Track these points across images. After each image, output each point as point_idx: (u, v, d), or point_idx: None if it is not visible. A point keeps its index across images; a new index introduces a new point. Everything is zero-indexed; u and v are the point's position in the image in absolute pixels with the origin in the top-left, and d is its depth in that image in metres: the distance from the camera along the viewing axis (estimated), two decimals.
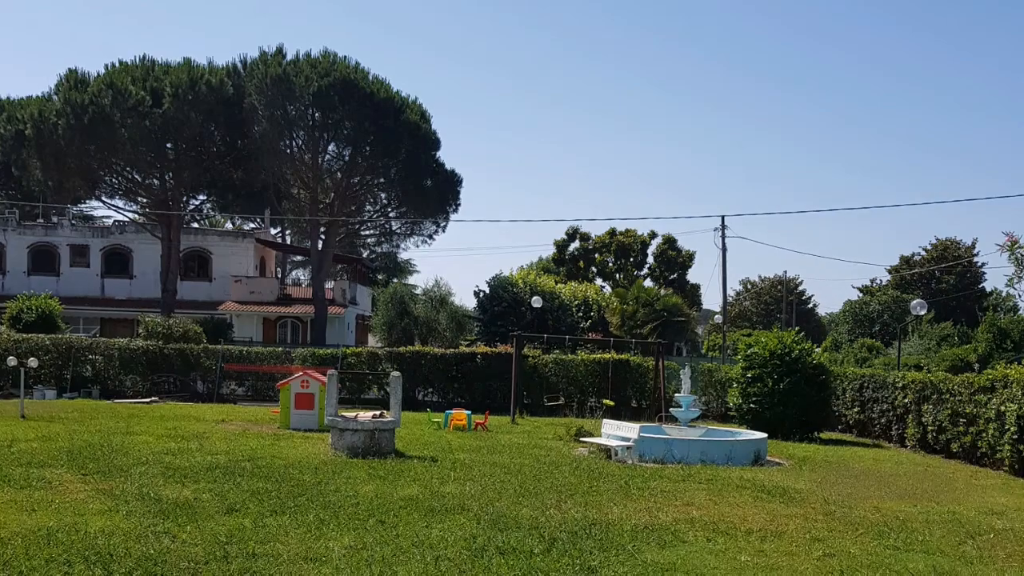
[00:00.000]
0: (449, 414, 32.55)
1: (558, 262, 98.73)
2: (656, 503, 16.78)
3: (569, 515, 15.02)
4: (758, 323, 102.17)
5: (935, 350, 61.45)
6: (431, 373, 43.47)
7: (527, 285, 66.40)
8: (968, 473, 24.47)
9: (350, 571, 10.91)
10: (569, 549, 12.51)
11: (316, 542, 12.42)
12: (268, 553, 11.70)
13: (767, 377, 33.33)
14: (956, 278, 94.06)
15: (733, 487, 19.22)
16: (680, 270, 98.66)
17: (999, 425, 24.92)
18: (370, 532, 13.14)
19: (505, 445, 26.42)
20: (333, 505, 15.13)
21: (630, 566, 11.75)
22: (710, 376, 43.66)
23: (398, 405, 24.15)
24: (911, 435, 30.46)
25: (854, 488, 20.03)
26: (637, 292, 70.78)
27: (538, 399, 42.16)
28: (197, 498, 15.39)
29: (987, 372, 27.12)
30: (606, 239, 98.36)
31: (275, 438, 25.97)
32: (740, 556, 12.59)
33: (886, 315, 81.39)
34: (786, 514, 16.09)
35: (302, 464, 20.25)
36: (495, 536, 13.14)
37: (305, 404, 29.88)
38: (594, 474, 20.45)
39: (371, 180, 67.67)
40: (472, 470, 20.36)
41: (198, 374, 44.20)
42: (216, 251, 73.95)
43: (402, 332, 61.81)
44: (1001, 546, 14.07)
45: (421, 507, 15.22)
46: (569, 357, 44.36)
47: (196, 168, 65.24)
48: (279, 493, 16.12)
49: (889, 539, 14.17)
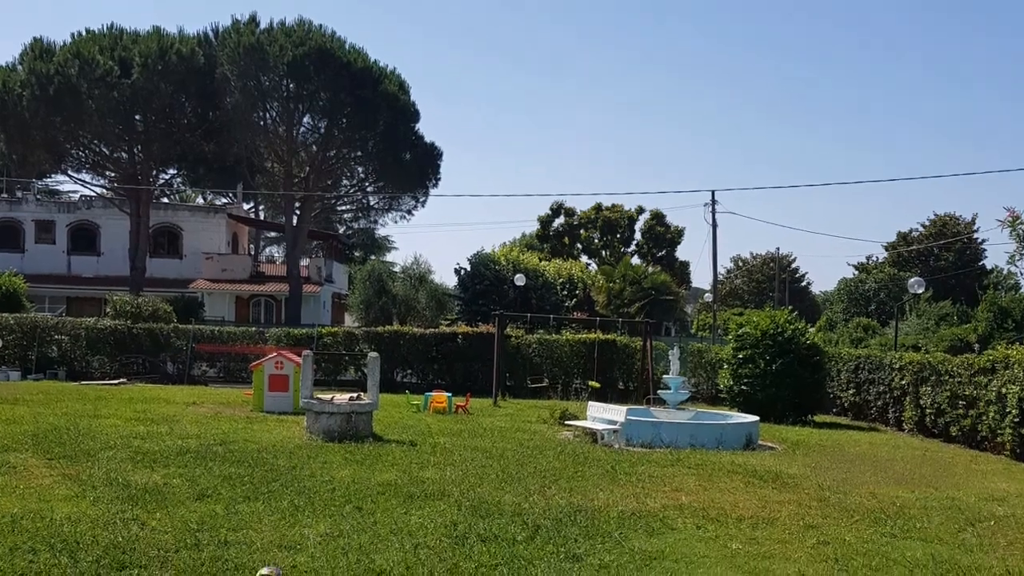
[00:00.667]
0: (429, 396, 32.55)
1: (542, 238, 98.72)
2: (644, 489, 16.80)
3: (553, 501, 15.04)
4: (749, 302, 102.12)
5: (933, 330, 61.53)
6: (410, 354, 43.44)
7: (510, 262, 66.41)
8: (968, 457, 24.54)
9: (326, 559, 10.89)
10: (553, 536, 12.52)
11: (290, 529, 12.40)
12: (241, 540, 11.67)
13: (759, 358, 33.40)
14: (955, 255, 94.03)
15: (724, 472, 19.26)
16: (669, 247, 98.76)
17: (1000, 408, 24.98)
18: (346, 519, 13.13)
19: (487, 428, 26.44)
20: (308, 491, 15.11)
21: (616, 554, 11.76)
22: (700, 357, 43.69)
23: (376, 387, 24.14)
24: (908, 418, 30.52)
25: (849, 473, 20.08)
26: (624, 270, 70.91)
27: (521, 381, 42.15)
28: (167, 483, 15.36)
29: (987, 353, 27.22)
30: (592, 215, 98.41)
31: (248, 421, 25.94)
32: (731, 544, 12.60)
33: (882, 294, 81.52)
34: (779, 500, 16.13)
35: (276, 448, 20.24)
36: (476, 523, 13.14)
37: (279, 386, 29.83)
38: (579, 459, 20.47)
39: (348, 153, 67.49)
40: (453, 454, 20.37)
41: (168, 355, 44.10)
42: (187, 227, 73.71)
43: (380, 311, 61.77)
44: (1002, 533, 14.11)
45: (400, 493, 15.22)
46: (553, 337, 44.38)
47: (166, 141, 64.94)
48: (252, 478, 16.09)
49: (885, 526, 14.21)
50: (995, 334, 52.04)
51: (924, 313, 67.58)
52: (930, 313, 66.84)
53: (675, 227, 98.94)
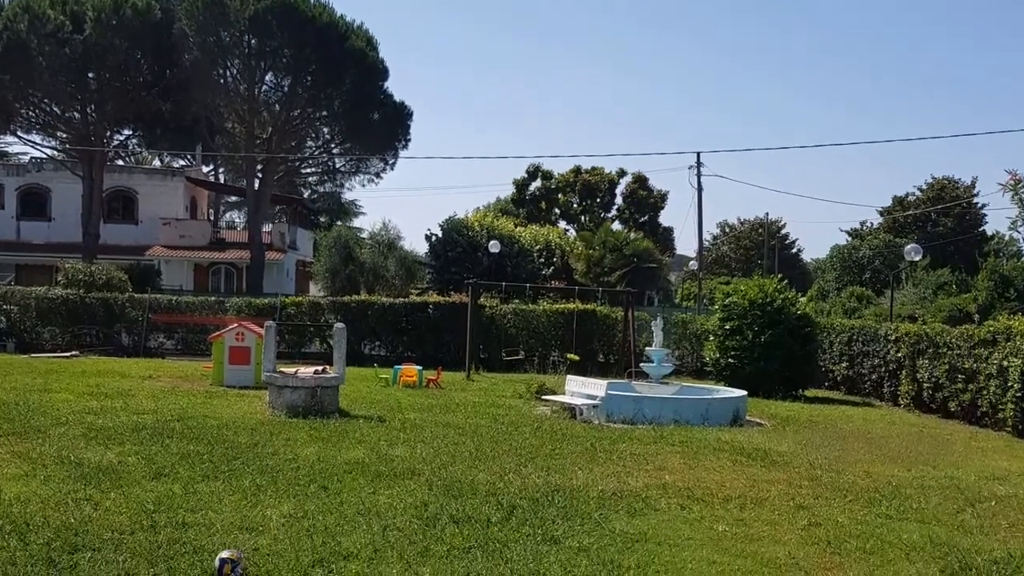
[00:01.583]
0: (398, 369, 32.56)
1: (518, 203, 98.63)
2: (625, 467, 16.81)
3: (530, 480, 15.03)
4: (737, 270, 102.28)
5: (931, 299, 61.52)
6: (378, 325, 43.44)
7: (484, 228, 66.29)
8: (967, 434, 24.63)
9: (289, 541, 10.85)
10: (530, 518, 12.50)
11: (252, 510, 12.36)
12: (199, 522, 11.62)
13: (747, 329, 33.46)
14: (954, 221, 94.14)
15: (710, 450, 19.28)
16: (651, 212, 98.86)
17: (1001, 382, 25.00)
18: (311, 499, 13.10)
19: (459, 404, 26.44)
20: (271, 469, 15.07)
21: (597, 536, 11.75)
22: (684, 328, 43.77)
23: (342, 360, 24.09)
24: (905, 393, 30.62)
25: (842, 451, 20.13)
26: (604, 236, 70.85)
27: (496, 353, 42.16)
28: (122, 462, 15.30)
29: (988, 323, 27.23)
30: (570, 178, 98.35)
31: (207, 396, 25.90)
32: (717, 526, 12.60)
33: (877, 261, 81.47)
34: (768, 479, 16.16)
35: (237, 424, 20.18)
36: (448, 503, 13.12)
37: (240, 359, 29.78)
38: (557, 435, 20.48)
39: (312, 113, 67.29)
40: (423, 431, 20.36)
41: (123, 326, 43.98)
42: (143, 191, 73.35)
43: (347, 280, 61.65)
44: (1003, 514, 14.14)
45: (367, 472, 15.18)
46: (530, 307, 44.40)
47: (121, 100, 64.55)
48: (211, 456, 16.04)
49: (880, 507, 14.23)
50: (996, 304, 51.90)
51: (921, 282, 67.62)
52: (927, 282, 66.86)
53: (658, 191, 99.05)
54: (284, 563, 10.01)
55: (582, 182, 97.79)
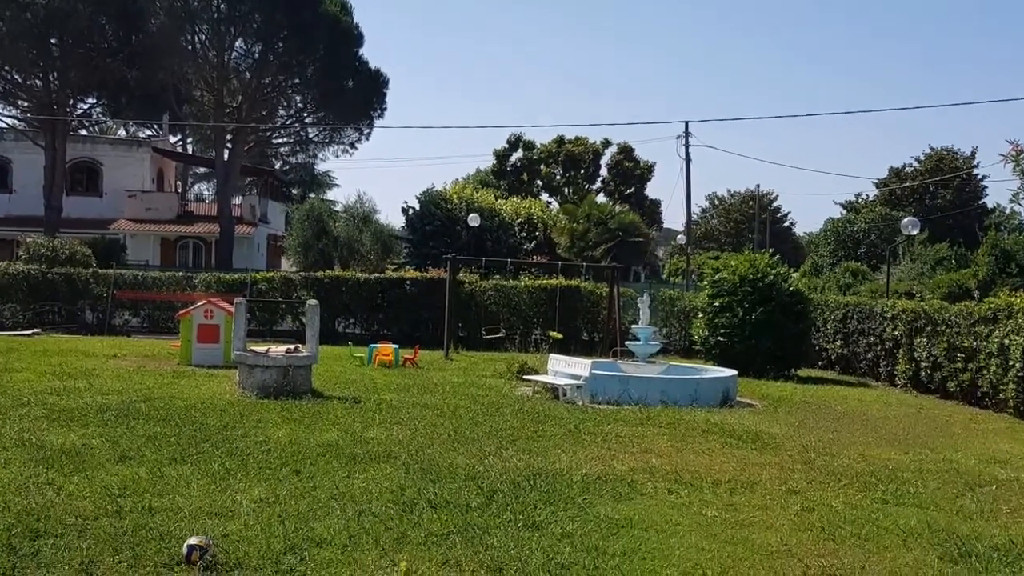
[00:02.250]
0: (373, 348, 32.52)
1: (498, 175, 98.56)
2: (610, 450, 16.81)
3: (511, 464, 15.02)
4: (727, 244, 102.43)
5: (929, 275, 61.54)
6: (353, 301, 43.40)
7: (463, 201, 66.26)
8: (967, 416, 24.67)
9: (260, 527, 10.82)
10: (511, 502, 12.50)
11: (221, 494, 12.32)
12: (167, 507, 11.59)
13: (737, 306, 33.45)
14: (953, 193, 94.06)
15: (698, 432, 19.29)
16: (638, 183, 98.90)
17: (1002, 361, 25.03)
18: (283, 483, 13.07)
19: (437, 384, 26.44)
20: (241, 452, 15.04)
21: (580, 522, 11.74)
22: (672, 305, 43.78)
23: (315, 338, 24.03)
24: (902, 372, 30.66)
25: (836, 433, 20.16)
26: (588, 209, 70.86)
27: (475, 331, 42.14)
28: (86, 444, 15.24)
29: (989, 300, 27.22)
30: (553, 148, 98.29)
31: (175, 376, 25.83)
32: (706, 511, 12.60)
33: (873, 235, 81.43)
34: (759, 463, 16.17)
35: (205, 405, 20.13)
36: (426, 488, 13.10)
37: (209, 337, 29.72)
38: (539, 417, 20.49)
39: (284, 81, 67.16)
40: (400, 412, 20.34)
41: (87, 303, 43.86)
42: (107, 162, 73.14)
43: (320, 254, 61.57)
44: (1004, 499, 14.17)
45: (342, 455, 15.16)
46: (511, 283, 44.34)
47: (84, 67, 64.28)
48: (179, 439, 15.99)
49: (876, 491, 14.24)
50: (997, 279, 51.78)
51: (919, 257, 67.63)
52: (925, 256, 66.88)
53: (645, 162, 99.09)
54: (255, 550, 9.98)
55: (565, 153, 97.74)
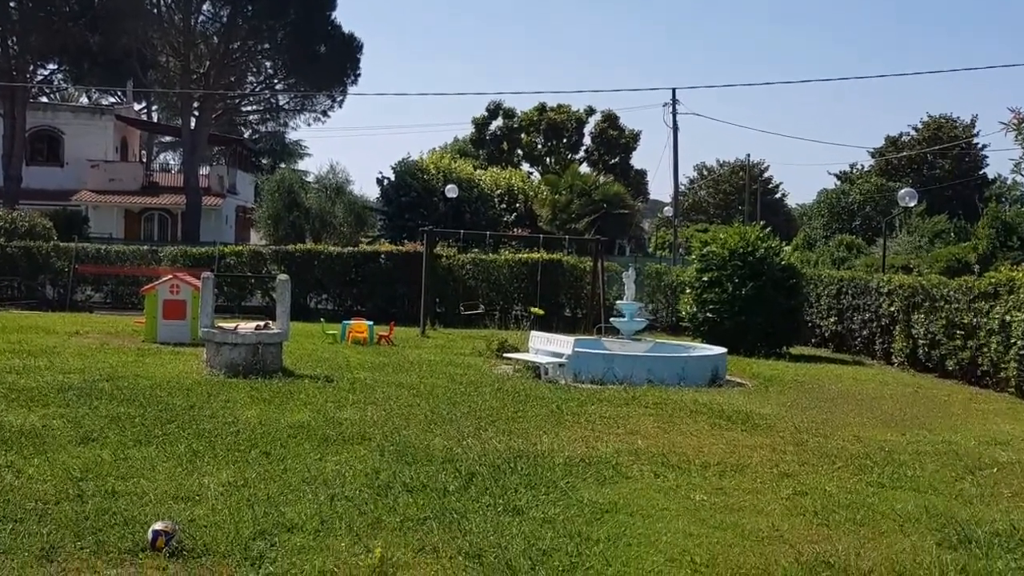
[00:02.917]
0: (347, 325, 32.48)
1: (477, 143, 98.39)
2: (594, 431, 16.81)
3: (490, 446, 15.00)
4: (716, 216, 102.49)
5: (927, 248, 61.60)
6: (325, 276, 43.36)
7: (440, 171, 66.16)
8: (966, 395, 24.71)
9: (228, 512, 10.79)
10: (490, 486, 12.48)
11: (188, 478, 12.29)
12: (131, 491, 11.55)
13: (726, 281, 33.39)
14: (952, 163, 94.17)
15: (686, 412, 19.28)
16: (623, 153, 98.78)
17: (1003, 338, 24.99)
18: (252, 466, 13.04)
19: (414, 362, 26.42)
20: (208, 434, 14.99)
21: (563, 506, 11.73)
22: (659, 280, 43.80)
23: (286, 314, 23.98)
24: (898, 350, 30.66)
25: (830, 413, 20.17)
26: (571, 179, 70.80)
27: (453, 307, 42.10)
28: (46, 425, 15.20)
29: (989, 275, 27.16)
30: (534, 116, 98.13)
31: (139, 354, 25.77)
32: (694, 495, 12.59)
33: (868, 207, 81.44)
34: (749, 445, 16.17)
35: (171, 385, 20.10)
36: (402, 470, 13.08)
37: (175, 313, 29.64)
38: (520, 397, 20.46)
39: (254, 46, 66.97)
40: (374, 392, 20.32)
41: (47, 277, 43.77)
42: (69, 131, 72.80)
43: (291, 227, 61.47)
44: (1006, 482, 14.16)
45: (313, 436, 15.13)
46: (490, 257, 44.32)
47: (45, 31, 64.02)
48: (144, 419, 15.95)
49: (872, 474, 14.24)
50: (998, 253, 51.66)
51: (916, 229, 67.71)
52: (923, 229, 66.95)
53: (630, 131, 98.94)
54: (223, 535, 9.95)
55: (547, 121, 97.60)
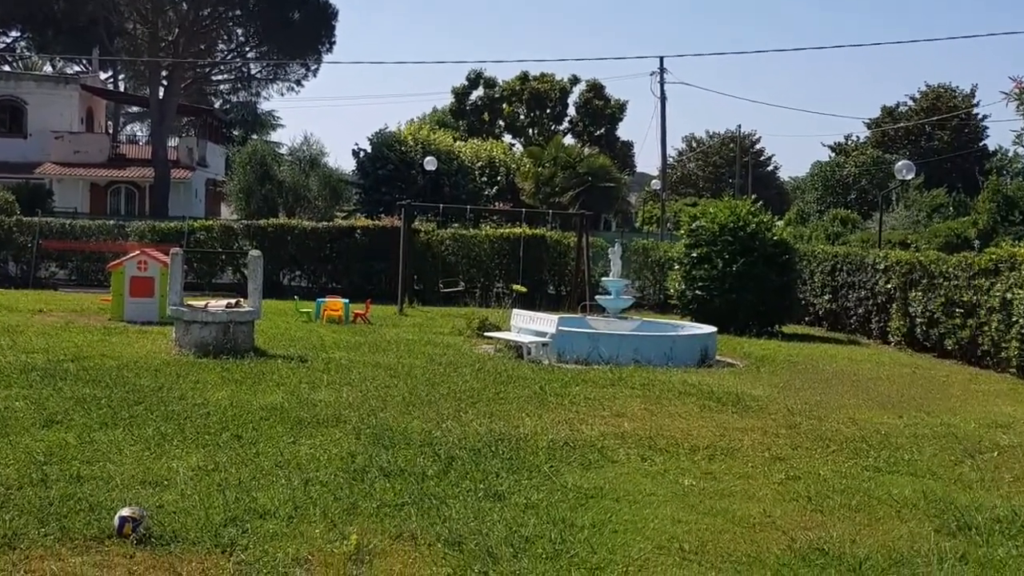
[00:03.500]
0: (321, 303, 32.46)
1: (457, 114, 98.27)
2: (578, 414, 16.81)
3: (471, 428, 15.00)
4: (705, 190, 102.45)
5: (925, 223, 61.63)
6: (299, 252, 43.29)
7: (418, 143, 66.11)
8: (966, 376, 24.74)
9: (198, 497, 10.77)
10: (470, 470, 12.47)
11: (156, 462, 12.27)
12: (97, 475, 11.53)
13: (716, 257, 33.36)
14: (951, 134, 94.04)
15: (674, 393, 19.30)
16: (608, 124, 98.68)
17: (1005, 316, 24.97)
18: (223, 449, 13.02)
19: (391, 341, 26.42)
20: (178, 416, 14.97)
21: (546, 491, 11.72)
22: (646, 256, 43.78)
23: (258, 292, 23.95)
24: (895, 329, 30.69)
25: (824, 395, 20.18)
26: (555, 151, 70.67)
27: (432, 284, 42.09)
28: (9, 407, 15.15)
29: (990, 251, 27.17)
30: (516, 85, 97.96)
31: (105, 333, 25.71)
32: (683, 479, 12.60)
33: (864, 180, 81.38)
34: (740, 427, 16.18)
35: (139, 365, 20.06)
36: (378, 454, 13.06)
37: (143, 291, 29.57)
38: (501, 377, 20.46)
39: (224, 12, 66.82)
40: (350, 372, 20.31)
41: (10, 253, 43.62)
42: (32, 100, 72.51)
43: (263, 201, 61.24)
44: (1007, 466, 14.17)
45: (287, 418, 15.13)
46: (471, 232, 44.30)
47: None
48: (110, 401, 15.90)
49: (868, 458, 14.24)
50: (999, 228, 51.56)
51: (914, 203, 67.75)
52: (921, 203, 66.99)
53: (616, 101, 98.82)
54: (192, 521, 9.92)
55: (530, 91, 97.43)
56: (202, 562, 8.97)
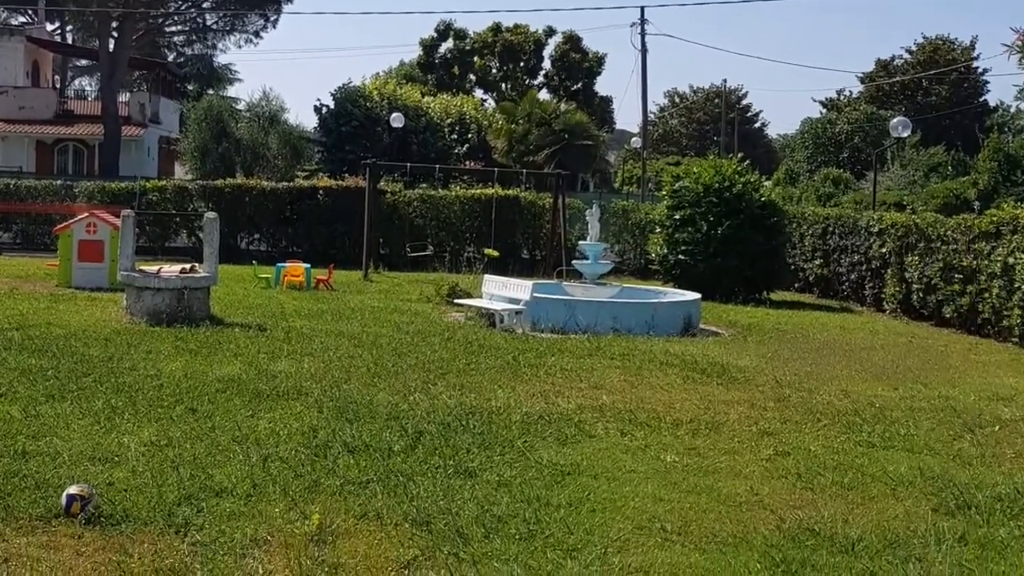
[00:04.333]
0: (281, 268, 32.43)
1: (425, 68, 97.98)
2: (554, 386, 16.83)
3: (440, 401, 15.01)
4: (689, 148, 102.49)
5: (922, 183, 61.63)
6: (258, 214, 43.23)
7: (384, 98, 66.00)
8: (965, 345, 24.84)
9: (151, 474, 10.74)
10: (439, 446, 12.46)
11: (106, 436, 12.24)
12: (43, 451, 11.50)
13: (701, 219, 33.39)
14: (950, 89, 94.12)
15: (656, 364, 19.35)
16: (586, 79, 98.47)
17: (1006, 283, 25.00)
18: (177, 424, 13.00)
19: (355, 309, 26.42)
20: (129, 388, 14.95)
21: (520, 468, 11.71)
22: (626, 218, 43.83)
23: (214, 256, 23.89)
24: (890, 296, 30.76)
25: (815, 366, 20.25)
26: (529, 107, 70.52)
27: (399, 248, 42.07)
28: None
29: (991, 213, 27.13)
30: (488, 37, 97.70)
31: (52, 300, 25.67)
32: (665, 455, 12.60)
33: (857, 137, 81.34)
34: (726, 400, 16.22)
35: (88, 334, 20.03)
36: (342, 428, 13.05)
37: (92, 255, 29.48)
38: (472, 347, 20.51)
39: None
40: (312, 342, 20.32)
41: None
42: None
43: (220, 160, 61.04)
44: (1008, 441, 14.20)
45: (245, 391, 15.11)
46: (440, 193, 44.29)
47: None
48: (57, 372, 15.88)
49: (861, 433, 14.28)
50: (1000, 189, 51.48)
51: (910, 162, 67.70)
52: (918, 162, 66.96)
53: (594, 54, 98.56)
54: (144, 500, 9.90)
55: (503, 43, 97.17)
56: (155, 543, 8.93)
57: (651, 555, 9.13)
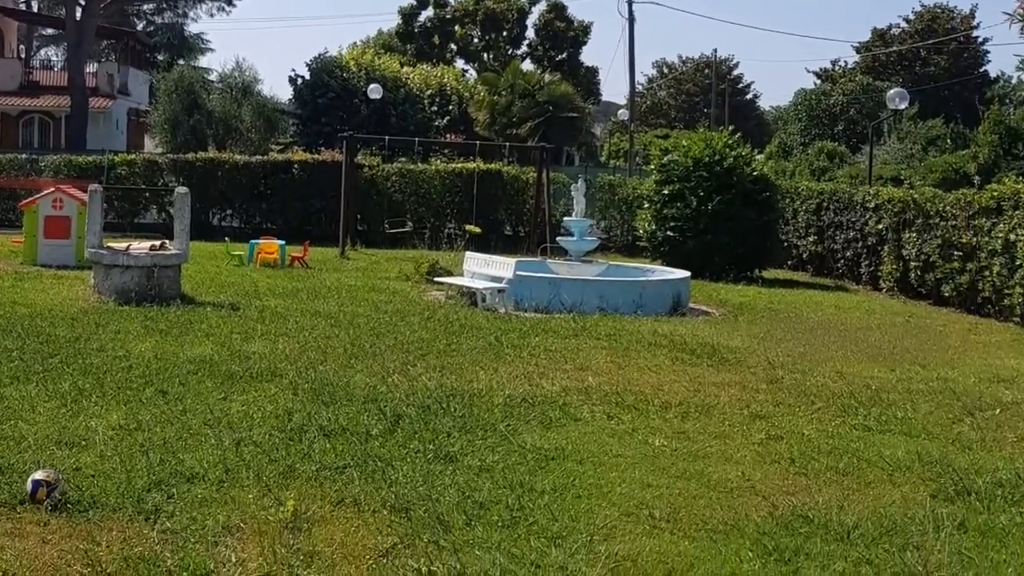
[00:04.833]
0: (255, 245, 32.39)
1: (405, 37, 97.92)
2: (538, 367, 16.80)
3: (419, 383, 14.97)
4: (678, 121, 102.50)
5: (920, 157, 61.60)
6: (230, 189, 43.17)
7: (362, 69, 65.98)
8: (965, 325, 24.84)
9: (119, 459, 10.70)
10: (419, 429, 12.43)
11: (73, 420, 12.20)
12: (7, 435, 11.45)
13: (690, 194, 33.37)
14: (949, 59, 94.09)
15: (644, 345, 19.32)
16: (571, 48, 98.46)
17: (1007, 260, 24.97)
18: (147, 406, 12.96)
19: (332, 287, 26.40)
20: (97, 369, 14.89)
21: (503, 452, 11.68)
22: (612, 193, 43.80)
23: (185, 233, 23.83)
24: (887, 274, 30.75)
25: (809, 346, 20.26)
26: (512, 78, 70.56)
27: (377, 225, 42.10)
28: None
29: (991, 188, 27.10)
30: (470, 6, 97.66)
31: (16, 278, 25.65)
32: (653, 439, 12.56)
33: (853, 110, 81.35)
34: (716, 382, 16.20)
35: (54, 313, 19.97)
36: (318, 411, 13.03)
37: (58, 232, 29.43)
38: (453, 327, 20.48)
39: None
40: (287, 322, 20.29)
41: None
42: None
43: (191, 133, 61.05)
44: (1010, 425, 14.17)
45: (217, 372, 15.07)
46: (419, 167, 44.26)
47: None
48: (22, 353, 15.82)
49: (857, 416, 14.24)
50: (1001, 163, 51.26)
51: (908, 135, 67.68)
52: (916, 135, 66.93)
53: (580, 22, 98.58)
54: (113, 485, 9.86)
55: (484, 11, 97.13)
56: (123, 530, 8.89)
57: (639, 543, 9.09)
